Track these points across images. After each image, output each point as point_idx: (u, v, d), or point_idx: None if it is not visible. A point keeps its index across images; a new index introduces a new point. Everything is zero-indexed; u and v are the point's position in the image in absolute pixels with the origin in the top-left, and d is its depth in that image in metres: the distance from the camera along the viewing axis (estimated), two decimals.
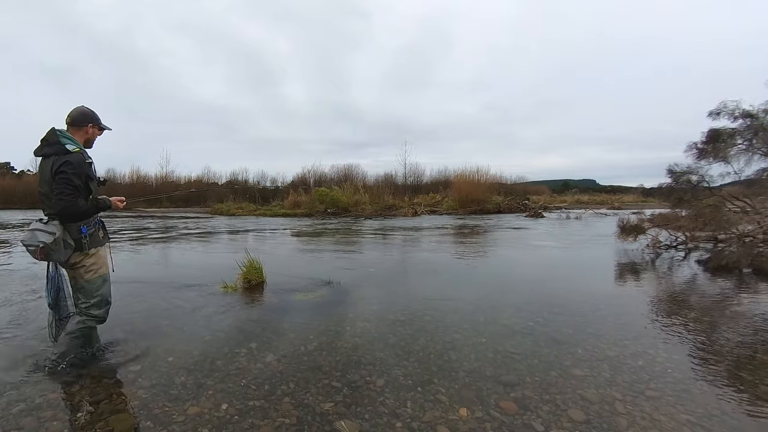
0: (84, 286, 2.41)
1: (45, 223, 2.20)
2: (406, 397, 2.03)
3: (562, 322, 3.16)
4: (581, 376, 2.25)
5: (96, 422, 1.83)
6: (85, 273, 2.39)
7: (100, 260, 2.46)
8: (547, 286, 4.49)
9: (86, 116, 2.43)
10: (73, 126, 2.39)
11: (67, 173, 2.19)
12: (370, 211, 19.92)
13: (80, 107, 2.44)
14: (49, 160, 2.24)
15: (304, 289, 4.28)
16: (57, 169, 2.19)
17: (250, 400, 2.01)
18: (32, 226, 2.20)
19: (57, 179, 2.19)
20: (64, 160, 2.20)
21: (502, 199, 23.24)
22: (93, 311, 2.43)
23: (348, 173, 32.81)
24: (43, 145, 2.27)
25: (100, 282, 2.46)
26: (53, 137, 2.27)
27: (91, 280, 2.41)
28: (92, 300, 2.42)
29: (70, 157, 2.22)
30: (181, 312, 3.48)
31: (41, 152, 2.27)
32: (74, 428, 1.79)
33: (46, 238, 2.14)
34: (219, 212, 23.32)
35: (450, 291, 4.26)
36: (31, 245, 2.14)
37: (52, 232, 2.17)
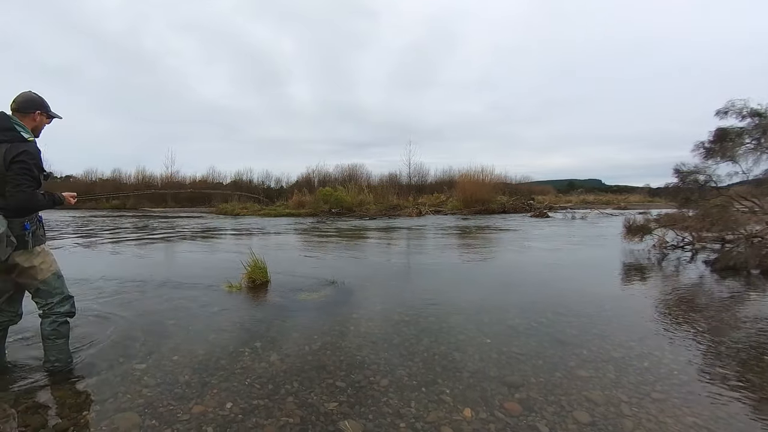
0: (40, 288, 2.22)
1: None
2: (410, 398, 2.03)
3: (566, 323, 3.15)
4: (586, 377, 2.23)
5: (101, 420, 1.84)
6: (38, 274, 2.19)
7: (48, 257, 2.27)
8: (552, 286, 4.47)
9: (34, 102, 2.20)
10: (20, 112, 2.14)
11: (28, 163, 2.00)
12: (374, 211, 19.92)
13: (27, 92, 2.21)
14: (0, 147, 1.99)
15: (309, 289, 4.29)
16: (14, 158, 1.97)
17: (255, 399, 2.02)
18: None
19: (15, 169, 1.97)
20: (23, 149, 1.99)
21: (506, 199, 23.16)
22: (58, 309, 2.26)
23: (352, 173, 32.82)
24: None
25: (55, 279, 2.27)
26: (6, 122, 2.04)
27: (45, 279, 2.22)
28: (54, 299, 2.25)
29: (28, 146, 2.03)
30: (186, 311, 3.50)
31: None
32: (79, 426, 1.80)
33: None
34: (224, 212, 23.43)
35: (454, 291, 4.26)
36: None
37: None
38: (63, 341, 2.29)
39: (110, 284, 4.52)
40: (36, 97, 2.23)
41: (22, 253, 2.12)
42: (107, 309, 3.54)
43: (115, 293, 4.15)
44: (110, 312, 3.46)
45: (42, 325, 2.25)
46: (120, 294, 4.13)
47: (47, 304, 2.24)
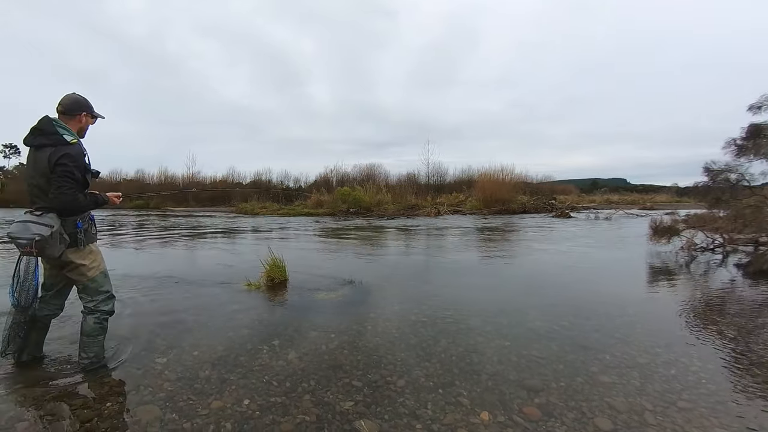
0: (87, 285, 2.30)
1: (39, 216, 2.06)
2: (427, 399, 2.01)
3: (589, 326, 3.06)
4: (609, 383, 2.16)
5: (124, 412, 1.90)
6: (87, 271, 2.28)
7: (98, 256, 2.36)
8: (574, 288, 4.36)
9: (79, 104, 2.27)
10: (66, 115, 2.23)
11: (69, 166, 2.08)
12: (392, 211, 19.92)
13: (72, 95, 2.29)
14: (44, 151, 2.09)
15: (327, 288, 4.31)
16: (57, 161, 2.06)
17: (272, 397, 2.04)
18: (23, 218, 2.06)
19: (57, 171, 2.06)
20: (64, 152, 2.08)
21: (527, 198, 22.80)
22: (102, 307, 2.34)
23: (370, 173, 32.98)
24: (36, 135, 2.13)
25: (102, 278, 2.36)
26: (49, 127, 2.13)
27: (93, 277, 2.31)
28: (99, 297, 2.33)
29: (70, 149, 2.11)
30: (206, 308, 3.58)
31: (34, 142, 2.12)
32: (103, 417, 1.86)
33: (41, 231, 2.01)
34: (243, 211, 23.87)
35: (473, 292, 4.21)
36: (22, 238, 2.00)
37: (49, 225, 2.04)
38: (102, 338, 2.37)
39: (133, 281, 4.66)
40: (80, 98, 2.30)
41: (75, 251, 2.22)
42: (130, 304, 3.66)
43: (138, 289, 4.27)
44: (133, 307, 3.57)
45: (85, 322, 2.31)
46: (142, 290, 4.25)
47: (93, 301, 2.32)
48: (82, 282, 2.30)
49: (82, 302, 2.34)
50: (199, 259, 6.95)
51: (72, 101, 2.26)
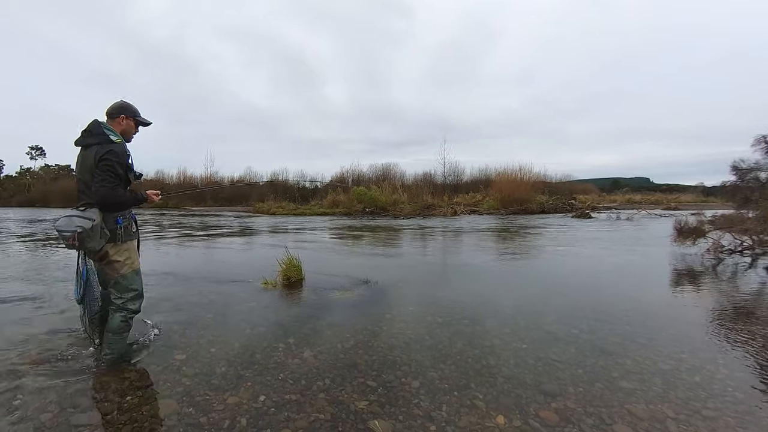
0: (119, 281, 2.38)
1: (82, 210, 2.20)
2: (442, 401, 2.00)
3: (609, 330, 2.98)
4: (630, 389, 2.10)
5: (143, 405, 1.96)
6: (120, 268, 2.37)
7: (133, 254, 2.45)
8: (594, 291, 4.26)
9: (120, 108, 2.43)
10: (110, 118, 2.40)
11: (111, 161, 2.21)
12: (408, 211, 19.88)
13: (118, 101, 2.45)
14: (91, 149, 2.24)
15: (342, 288, 4.33)
16: (101, 157, 2.19)
17: (287, 394, 2.06)
18: (68, 213, 2.20)
19: (100, 166, 2.19)
20: (108, 149, 2.22)
21: (546, 198, 22.44)
22: (130, 306, 2.40)
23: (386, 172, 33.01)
24: (85, 136, 2.28)
25: (134, 276, 2.44)
26: (97, 128, 2.29)
27: (126, 274, 2.39)
28: (128, 295, 2.40)
29: (114, 146, 2.25)
30: (224, 306, 3.64)
31: (84, 142, 2.28)
32: (123, 410, 1.91)
33: (83, 224, 2.12)
34: (260, 211, 24.21)
35: (490, 294, 4.16)
36: (66, 231, 2.11)
37: (91, 218, 2.16)
38: (126, 336, 2.46)
39: (152, 278, 4.77)
40: (123, 103, 2.46)
41: (112, 246, 2.33)
42: (149, 301, 3.73)
43: (157, 286, 4.38)
44: (152, 304, 3.65)
45: (112, 319, 2.38)
46: (162, 287, 4.36)
47: (121, 299, 2.39)
48: (114, 277, 2.39)
49: (112, 297, 2.42)
50: (217, 258, 7.08)
51: (114, 106, 2.43)
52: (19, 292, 4.23)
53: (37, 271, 5.44)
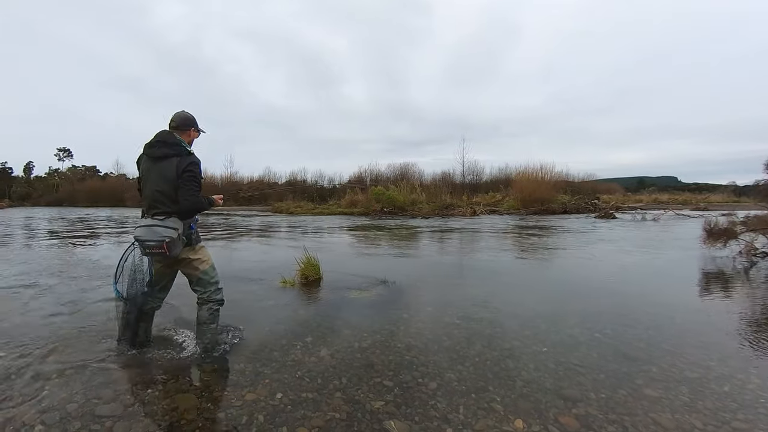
0: (201, 278, 2.53)
1: (162, 220, 2.30)
2: (459, 403, 1.97)
3: (633, 335, 2.89)
4: (655, 397, 2.03)
5: (163, 399, 2.01)
6: (200, 265, 2.52)
7: (206, 252, 2.62)
8: (619, 294, 4.12)
9: (189, 121, 2.55)
10: (179, 130, 2.49)
11: (194, 172, 2.35)
12: (426, 211, 19.79)
13: (182, 112, 2.55)
14: (171, 161, 2.33)
15: (360, 287, 4.34)
16: (185, 168, 2.31)
17: (304, 392, 2.08)
18: (147, 223, 2.30)
19: (185, 177, 2.31)
20: (191, 161, 2.36)
21: (568, 198, 21.94)
22: (215, 297, 2.57)
23: (404, 172, 32.94)
24: (160, 146, 2.36)
25: (212, 270, 2.60)
26: (173, 139, 2.40)
27: (205, 270, 2.54)
28: (212, 287, 2.56)
29: (194, 158, 2.39)
30: (243, 304, 3.70)
31: (159, 153, 2.35)
32: (144, 402, 1.98)
33: (170, 233, 2.25)
34: (279, 210, 24.53)
35: (510, 296, 4.09)
36: (150, 241, 2.24)
37: (175, 228, 2.29)
38: (215, 326, 2.58)
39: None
40: (190, 116, 2.57)
41: (189, 249, 2.48)
42: (171, 298, 3.83)
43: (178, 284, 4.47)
44: (174, 301, 3.73)
45: (200, 312, 2.55)
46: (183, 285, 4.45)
47: (206, 292, 2.55)
48: (196, 275, 2.54)
49: (197, 294, 2.58)
50: (236, 256, 7.20)
51: (183, 118, 2.53)
52: (47, 285, 4.41)
53: (64, 266, 5.67)
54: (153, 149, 2.39)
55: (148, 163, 2.41)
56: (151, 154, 2.39)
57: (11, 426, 1.76)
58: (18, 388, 2.09)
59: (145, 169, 2.42)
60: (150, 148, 2.40)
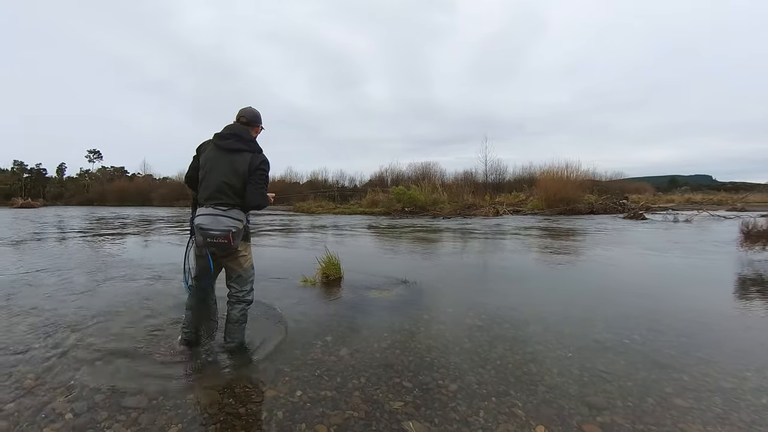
0: (241, 275, 2.54)
1: (225, 211, 2.28)
2: (480, 406, 1.94)
3: (664, 342, 2.77)
4: (685, 407, 1.94)
5: (187, 393, 2.07)
6: (244, 262, 2.53)
7: (251, 250, 2.63)
8: (648, 299, 3.96)
9: (258, 117, 2.55)
10: (249, 125, 2.48)
11: (266, 171, 2.40)
12: (448, 210, 19.63)
13: (251, 108, 2.53)
14: (244, 155, 2.34)
15: (380, 287, 4.35)
16: (258, 166, 2.34)
17: (323, 390, 2.09)
18: (209, 211, 2.26)
19: (258, 174, 2.34)
20: (263, 159, 2.39)
21: (595, 198, 21.31)
22: (248, 297, 2.58)
23: (426, 171, 32.75)
24: (234, 139, 2.35)
25: (252, 269, 2.62)
26: (247, 134, 2.41)
27: (247, 268, 2.56)
28: (247, 287, 2.57)
29: (265, 156, 2.42)
30: (265, 302, 3.76)
31: (233, 146, 2.34)
32: (168, 396, 2.04)
33: (235, 224, 2.27)
34: (300, 210, 24.85)
35: (534, 298, 4.00)
36: (215, 230, 2.22)
37: (240, 219, 2.32)
38: (244, 326, 2.61)
39: None
40: (258, 112, 2.57)
41: (242, 243, 2.48)
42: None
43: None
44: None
45: (231, 311, 2.55)
46: None
47: (241, 291, 2.55)
48: (238, 272, 2.54)
49: (231, 291, 2.57)
50: (259, 255, 7.31)
51: (254, 114, 2.53)
52: (77, 281, 4.62)
53: (97, 261, 5.92)
54: (227, 141, 2.35)
55: (215, 153, 2.36)
56: (224, 145, 2.35)
57: (43, 413, 1.86)
58: (50, 377, 2.20)
59: (212, 159, 2.36)
60: (223, 139, 2.36)
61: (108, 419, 1.82)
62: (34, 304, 3.62)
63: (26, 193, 55.33)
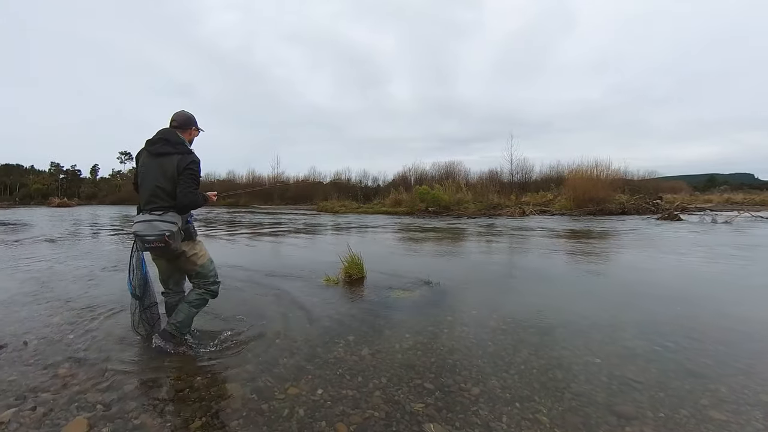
0: (199, 271, 2.64)
1: (161, 215, 2.35)
2: (502, 411, 1.91)
3: (700, 350, 2.64)
4: (722, 421, 1.84)
5: (211, 387, 2.14)
6: (198, 259, 2.62)
7: (203, 246, 2.71)
8: (684, 304, 3.77)
9: (190, 120, 2.64)
10: (180, 129, 2.57)
11: (194, 170, 2.44)
12: (472, 210, 19.40)
13: (183, 112, 2.63)
14: (171, 158, 2.40)
15: (403, 287, 4.34)
16: (186, 166, 2.39)
17: (344, 389, 2.11)
18: (145, 218, 2.35)
19: (186, 174, 2.39)
20: (192, 159, 2.44)
21: (626, 198, 20.50)
22: (211, 287, 2.69)
23: (449, 171, 32.39)
24: (163, 143, 2.44)
25: (210, 263, 2.71)
26: (176, 138, 2.48)
27: (203, 264, 2.65)
28: (210, 279, 2.68)
29: (195, 156, 2.48)
30: (288, 299, 3.83)
31: (161, 150, 2.43)
32: (194, 388, 2.11)
33: (170, 227, 2.32)
34: (324, 209, 25.12)
35: (561, 301, 3.89)
36: (150, 235, 2.29)
37: (174, 222, 2.36)
38: (194, 312, 2.67)
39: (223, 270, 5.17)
40: (190, 115, 2.67)
41: (187, 243, 2.57)
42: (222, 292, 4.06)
43: (227, 280, 4.73)
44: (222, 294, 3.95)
45: (191, 292, 2.67)
46: (231, 280, 4.70)
47: (205, 283, 2.68)
48: (195, 269, 2.64)
49: (194, 285, 2.70)
50: (283, 253, 7.47)
51: (185, 117, 2.62)
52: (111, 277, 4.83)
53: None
54: (155, 146, 2.45)
55: (148, 159, 2.46)
56: (153, 150, 2.45)
57: (76, 403, 1.96)
58: (84, 369, 2.33)
59: (145, 165, 2.47)
60: (152, 144, 2.46)
61: (137, 409, 1.91)
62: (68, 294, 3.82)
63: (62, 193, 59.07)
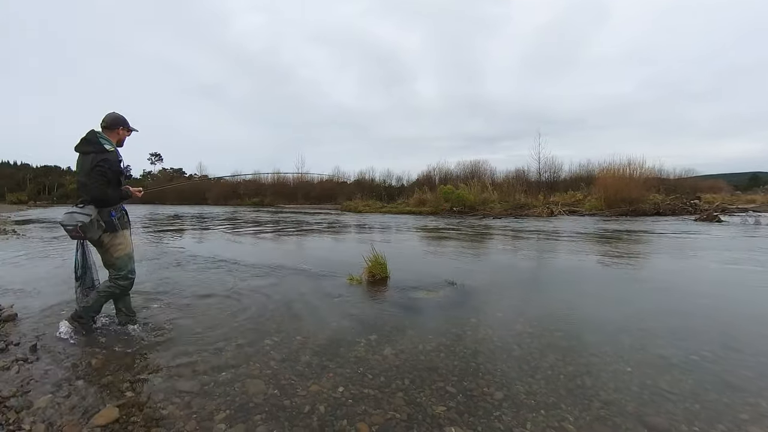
0: (114, 263, 2.84)
1: (81, 207, 2.65)
2: (527, 418, 1.87)
3: (740, 361, 2.49)
4: None
5: (235, 382, 2.19)
6: (115, 251, 2.82)
7: (125, 240, 2.89)
8: (724, 312, 3.57)
9: (117, 120, 2.86)
10: (108, 129, 2.82)
11: (104, 168, 2.64)
12: (498, 210, 19.06)
13: (112, 113, 2.86)
14: (89, 156, 2.66)
15: (427, 288, 4.31)
16: (96, 164, 2.62)
17: (365, 389, 2.12)
18: (70, 210, 2.65)
19: (96, 170, 2.62)
20: (103, 158, 2.65)
21: (661, 198, 19.58)
22: (120, 282, 2.86)
23: (475, 170, 31.82)
24: (84, 144, 2.69)
25: (126, 259, 2.88)
26: (94, 138, 2.70)
27: (119, 257, 2.84)
28: (121, 273, 2.85)
29: (108, 155, 2.68)
30: (312, 298, 3.88)
31: (82, 149, 2.70)
32: (218, 383, 2.17)
33: (83, 219, 2.59)
34: (348, 209, 25.29)
35: (591, 306, 3.76)
36: (69, 225, 2.59)
37: (88, 214, 2.62)
38: (102, 300, 2.87)
39: (247, 268, 5.38)
40: (119, 116, 2.89)
41: (108, 235, 2.78)
42: (246, 289, 4.23)
43: (253, 276, 4.85)
44: (248, 291, 4.10)
45: (103, 283, 2.90)
46: (256, 278, 4.81)
47: (117, 276, 2.86)
48: (111, 260, 2.85)
49: (109, 274, 2.88)
50: (306, 252, 7.59)
51: (112, 118, 2.85)
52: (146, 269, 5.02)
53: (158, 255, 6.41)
54: (78, 146, 2.71)
55: (78, 157, 2.74)
56: (78, 150, 2.71)
57: (107, 392, 2.06)
58: (115, 359, 2.45)
59: (77, 163, 2.75)
60: (78, 145, 2.71)
61: (164, 400, 1.99)
62: None
63: None
